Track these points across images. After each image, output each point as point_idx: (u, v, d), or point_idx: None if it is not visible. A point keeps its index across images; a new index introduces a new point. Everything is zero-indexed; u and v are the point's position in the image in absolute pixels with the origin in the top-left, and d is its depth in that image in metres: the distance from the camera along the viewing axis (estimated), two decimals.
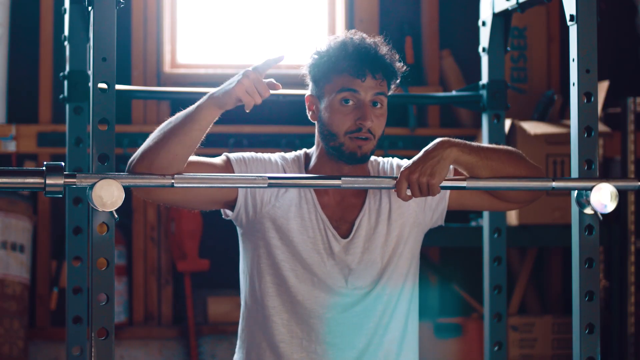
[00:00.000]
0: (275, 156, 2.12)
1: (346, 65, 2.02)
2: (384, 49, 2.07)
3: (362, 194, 2.14)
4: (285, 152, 2.17)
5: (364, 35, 2.08)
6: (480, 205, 2.18)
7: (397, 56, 2.11)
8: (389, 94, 2.11)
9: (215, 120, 1.88)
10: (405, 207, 2.12)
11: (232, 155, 2.07)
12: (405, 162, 2.00)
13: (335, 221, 2.09)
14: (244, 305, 2.14)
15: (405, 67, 2.14)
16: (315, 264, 2.06)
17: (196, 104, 1.89)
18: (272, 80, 1.90)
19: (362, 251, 2.09)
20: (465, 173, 1.97)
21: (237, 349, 2.16)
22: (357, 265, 2.08)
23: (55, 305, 3.91)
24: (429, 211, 2.14)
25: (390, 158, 2.22)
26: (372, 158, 2.18)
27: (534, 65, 4.27)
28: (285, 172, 2.09)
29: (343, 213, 2.10)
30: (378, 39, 2.09)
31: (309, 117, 2.11)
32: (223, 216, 2.12)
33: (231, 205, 2.06)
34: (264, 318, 2.09)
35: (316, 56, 2.07)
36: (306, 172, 2.10)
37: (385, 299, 2.11)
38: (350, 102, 2.01)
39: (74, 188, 1.67)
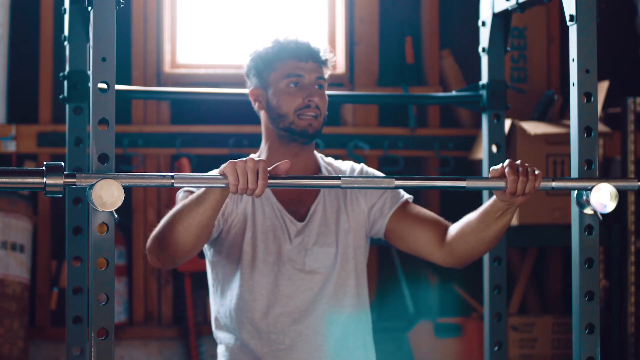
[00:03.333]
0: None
1: (290, 51, 2.21)
2: (317, 42, 2.28)
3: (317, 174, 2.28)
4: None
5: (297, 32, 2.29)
6: (413, 237, 2.24)
7: (331, 50, 2.31)
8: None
9: (224, 201, 1.92)
10: (357, 203, 2.26)
11: (191, 188, 2.13)
12: (370, 170, 2.28)
13: (293, 205, 2.23)
14: (213, 294, 2.29)
15: (334, 58, 2.32)
16: (277, 249, 2.19)
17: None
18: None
19: (317, 234, 2.21)
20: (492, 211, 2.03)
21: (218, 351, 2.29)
22: (312, 247, 2.20)
23: (55, 305, 3.91)
24: (370, 218, 2.26)
25: (352, 163, 2.36)
26: (329, 159, 2.35)
27: (534, 65, 4.27)
28: None
29: (300, 196, 2.24)
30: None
31: (255, 109, 2.29)
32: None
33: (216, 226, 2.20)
34: (236, 321, 2.22)
35: (258, 50, 2.25)
36: None
37: (339, 282, 2.22)
38: (298, 84, 2.19)
39: (74, 188, 1.66)
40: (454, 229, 2.16)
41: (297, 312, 2.19)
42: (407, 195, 2.29)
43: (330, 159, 2.35)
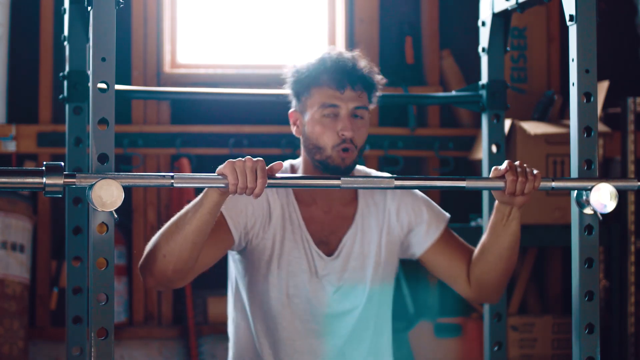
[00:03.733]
0: None
1: (326, 78, 2.06)
2: (362, 62, 2.12)
3: (352, 204, 2.16)
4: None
5: (342, 50, 2.14)
6: (448, 273, 2.18)
7: (375, 69, 2.16)
8: (370, 106, 2.16)
9: (222, 203, 1.87)
10: (393, 232, 2.16)
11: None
12: None
13: (324, 236, 2.13)
14: (233, 317, 2.21)
15: (384, 80, 2.18)
16: (301, 284, 2.10)
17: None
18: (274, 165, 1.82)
19: (345, 270, 2.12)
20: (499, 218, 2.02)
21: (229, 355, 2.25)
22: (339, 283, 2.11)
23: (55, 305, 3.91)
24: (406, 241, 2.19)
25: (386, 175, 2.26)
26: (363, 170, 2.24)
27: (534, 65, 4.27)
28: (269, 197, 2.12)
29: (332, 227, 2.14)
30: (356, 53, 2.14)
31: (294, 133, 2.16)
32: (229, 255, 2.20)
33: (231, 247, 2.12)
34: (253, 336, 2.16)
35: (296, 72, 2.11)
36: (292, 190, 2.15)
37: (363, 315, 2.14)
38: (332, 116, 2.05)
39: (74, 188, 1.66)
40: (474, 257, 2.12)
41: (316, 344, 2.12)
42: (447, 217, 2.21)
43: (364, 170, 2.24)
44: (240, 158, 1.77)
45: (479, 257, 2.08)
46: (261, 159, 1.77)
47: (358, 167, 2.23)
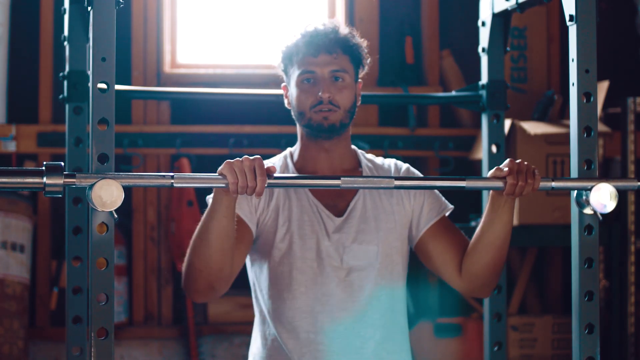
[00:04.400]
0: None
1: (302, 46, 2.13)
2: (340, 28, 2.17)
3: (354, 171, 2.21)
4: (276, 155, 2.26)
5: (325, 20, 2.20)
6: (441, 260, 2.17)
7: (357, 33, 2.20)
8: (361, 74, 2.20)
9: (234, 206, 1.89)
10: (402, 204, 2.18)
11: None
12: (412, 169, 2.18)
13: (331, 200, 2.16)
14: (257, 317, 2.21)
15: (365, 42, 2.21)
16: (314, 246, 2.11)
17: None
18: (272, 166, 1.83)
19: (356, 230, 2.13)
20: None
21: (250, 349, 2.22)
22: (351, 244, 2.13)
23: (55, 305, 3.91)
24: (412, 223, 2.20)
25: (395, 160, 2.28)
26: (370, 156, 2.26)
27: (534, 65, 4.27)
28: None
29: (337, 192, 2.17)
30: (335, 20, 2.20)
31: (286, 105, 2.22)
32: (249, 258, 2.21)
33: (253, 237, 2.14)
34: (270, 321, 2.15)
35: (285, 44, 2.18)
36: (294, 165, 2.19)
37: (378, 281, 2.15)
38: (311, 80, 2.11)
39: (74, 188, 1.66)
40: (468, 248, 2.12)
41: (336, 311, 2.11)
42: (449, 206, 2.22)
43: (371, 156, 2.27)
44: (237, 158, 1.79)
45: (472, 246, 2.09)
46: (258, 156, 1.78)
47: (365, 154, 2.25)
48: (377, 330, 2.15)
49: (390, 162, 2.26)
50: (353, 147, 2.25)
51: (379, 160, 2.26)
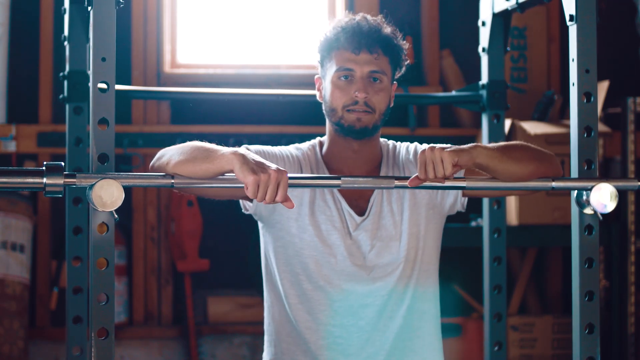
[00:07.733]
0: (291, 149, 2.16)
1: (343, 40, 2.05)
2: (384, 27, 2.10)
3: (376, 170, 2.16)
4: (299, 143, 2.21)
5: (368, 15, 2.12)
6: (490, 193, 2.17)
7: (400, 35, 2.12)
8: (397, 76, 2.13)
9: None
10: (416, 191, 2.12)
11: (253, 148, 2.08)
12: (424, 146, 1.93)
13: (354, 199, 2.12)
14: (266, 299, 2.17)
15: (407, 45, 2.14)
16: (336, 243, 2.09)
17: (223, 149, 1.78)
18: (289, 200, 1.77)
19: (377, 228, 2.10)
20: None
21: (265, 346, 2.19)
22: (372, 241, 2.10)
23: (55, 305, 3.91)
24: (440, 192, 2.14)
25: (409, 143, 2.21)
26: (391, 142, 2.21)
27: (534, 65, 4.27)
28: (301, 163, 2.12)
29: (359, 191, 2.13)
30: (379, 18, 2.12)
31: (317, 98, 2.15)
32: (242, 210, 2.13)
33: (250, 199, 2.08)
34: (287, 308, 2.12)
35: (323, 35, 2.10)
36: (322, 158, 2.14)
37: (403, 275, 2.12)
38: (348, 78, 2.05)
39: (74, 188, 1.66)
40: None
41: (356, 306, 2.09)
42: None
43: (393, 145, 2.20)
44: (264, 170, 1.69)
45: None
46: (286, 174, 1.70)
47: (390, 145, 2.21)
48: (396, 321, 2.13)
49: (402, 147, 2.20)
50: (382, 140, 2.19)
51: (397, 146, 2.21)
